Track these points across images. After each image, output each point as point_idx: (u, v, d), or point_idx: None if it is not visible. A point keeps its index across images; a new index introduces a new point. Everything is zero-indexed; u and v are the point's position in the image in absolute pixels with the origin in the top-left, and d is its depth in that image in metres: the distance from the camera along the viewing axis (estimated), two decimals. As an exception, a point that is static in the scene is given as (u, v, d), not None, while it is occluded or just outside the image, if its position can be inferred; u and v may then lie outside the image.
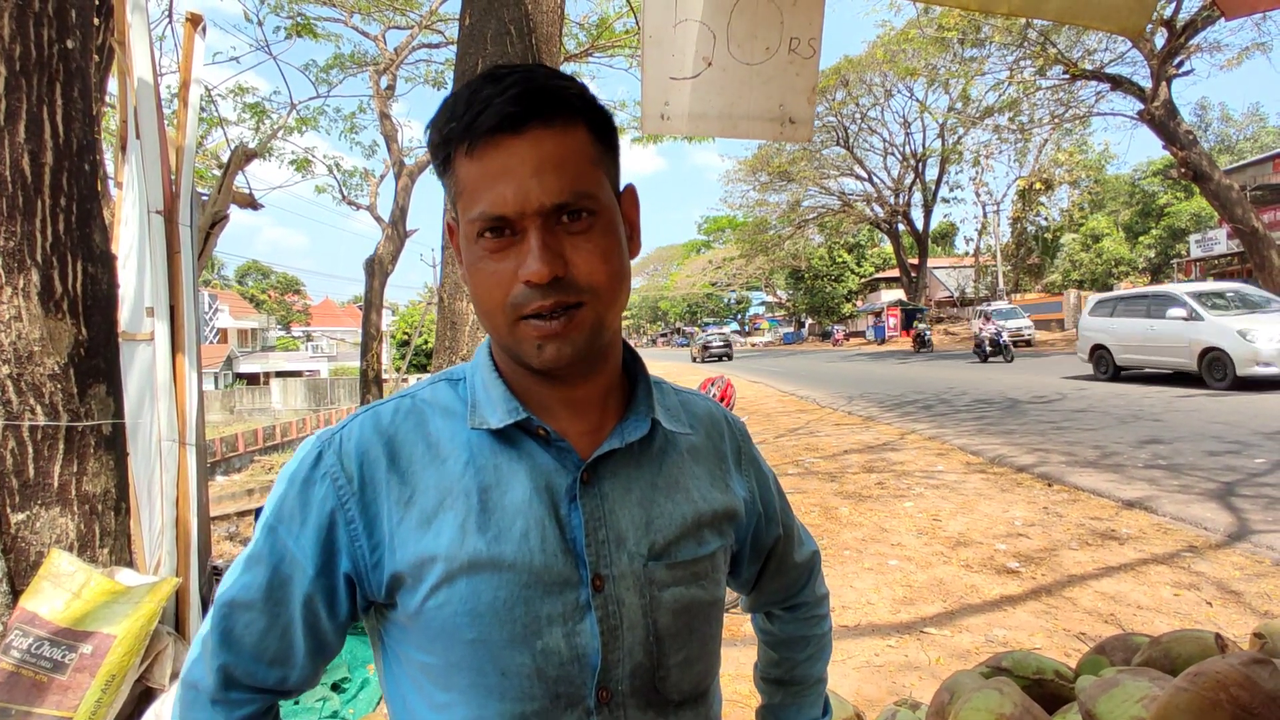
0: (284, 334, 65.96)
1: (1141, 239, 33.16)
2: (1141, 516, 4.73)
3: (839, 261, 53.96)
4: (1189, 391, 10.42)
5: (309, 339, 64.67)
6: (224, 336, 53.45)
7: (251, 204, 4.03)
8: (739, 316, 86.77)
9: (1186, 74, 18.38)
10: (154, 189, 2.28)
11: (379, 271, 11.93)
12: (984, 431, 8.56)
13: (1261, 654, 1.22)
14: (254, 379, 49.14)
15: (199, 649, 0.72)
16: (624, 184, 0.74)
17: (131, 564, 2.17)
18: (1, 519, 1.89)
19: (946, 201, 44.50)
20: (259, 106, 12.21)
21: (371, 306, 11.96)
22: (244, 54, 26.19)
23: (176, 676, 1.67)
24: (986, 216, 39.29)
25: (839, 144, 39.17)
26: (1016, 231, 39.11)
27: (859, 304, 54.61)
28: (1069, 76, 20.30)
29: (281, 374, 48.25)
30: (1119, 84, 19.18)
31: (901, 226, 42.80)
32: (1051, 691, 1.58)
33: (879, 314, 43.16)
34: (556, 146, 0.63)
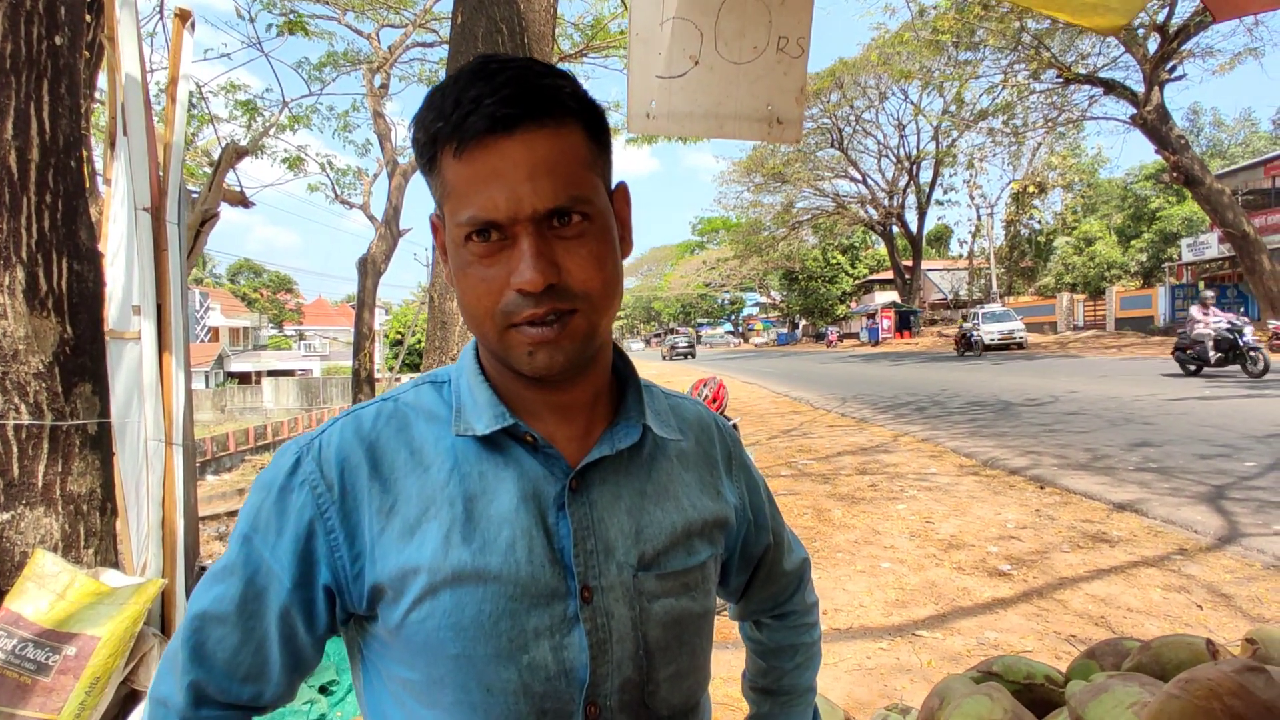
0: (276, 333, 65.74)
1: (1134, 243, 33.32)
2: (1132, 519, 4.75)
3: (833, 263, 54.01)
4: (1180, 394, 10.48)
5: (301, 338, 64.53)
6: (215, 335, 53.26)
7: (243, 202, 4.01)
8: (733, 317, 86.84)
9: (1179, 79, 18.55)
10: (141, 186, 2.25)
11: (372, 270, 11.89)
12: (977, 434, 8.59)
13: (1254, 660, 1.21)
14: (246, 378, 48.90)
15: (168, 664, 0.69)
16: (615, 182, 0.72)
17: (118, 565, 2.15)
18: (-16, 519, 1.86)
19: (941, 204, 44.57)
20: (251, 104, 12.14)
21: (364, 305, 11.92)
22: (235, 51, 26.06)
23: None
24: (980, 219, 39.51)
25: (833, 146, 39.35)
26: (1010, 234, 39.29)
27: (853, 305, 54.71)
28: (1062, 80, 20.45)
29: (274, 373, 48.04)
30: (1112, 88, 19.33)
31: (895, 229, 43.00)
32: (1042, 696, 1.57)
33: (873, 315, 43.20)
34: (550, 149, 0.61)
